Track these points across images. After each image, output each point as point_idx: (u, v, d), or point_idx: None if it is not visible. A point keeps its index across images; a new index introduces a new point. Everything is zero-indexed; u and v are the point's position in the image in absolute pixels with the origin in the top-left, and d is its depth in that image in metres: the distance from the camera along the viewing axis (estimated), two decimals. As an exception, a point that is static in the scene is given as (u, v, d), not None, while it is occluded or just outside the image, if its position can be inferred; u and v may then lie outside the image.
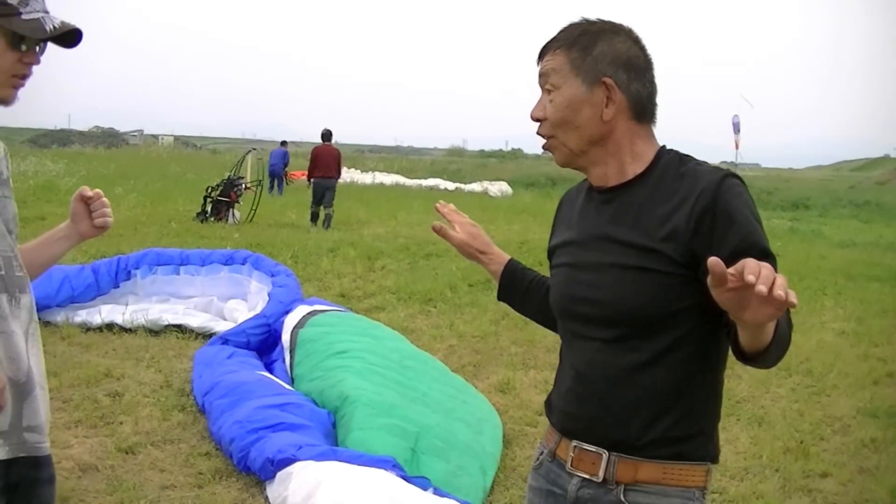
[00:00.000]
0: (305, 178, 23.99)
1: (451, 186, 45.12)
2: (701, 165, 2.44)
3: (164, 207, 22.56)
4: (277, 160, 32.73)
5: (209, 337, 8.99)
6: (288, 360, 7.83)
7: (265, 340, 8.45)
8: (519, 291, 3.01)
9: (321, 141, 22.73)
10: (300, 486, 5.03)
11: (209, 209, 20.94)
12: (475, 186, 45.21)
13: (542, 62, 2.54)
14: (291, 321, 8.29)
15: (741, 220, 2.29)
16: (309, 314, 8.36)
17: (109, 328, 9.57)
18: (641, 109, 2.49)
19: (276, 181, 32.31)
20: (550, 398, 2.71)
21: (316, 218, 21.92)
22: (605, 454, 2.46)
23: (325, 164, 21.99)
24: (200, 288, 10.60)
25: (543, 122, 2.53)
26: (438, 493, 5.10)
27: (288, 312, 8.58)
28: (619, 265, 2.41)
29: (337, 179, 22.50)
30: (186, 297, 10.56)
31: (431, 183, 46.21)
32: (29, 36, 2.54)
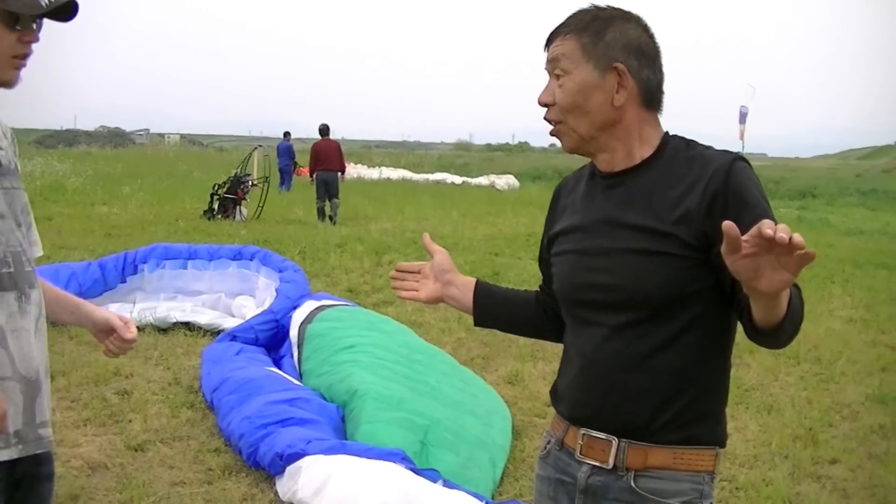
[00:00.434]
0: (308, 174, 24.31)
1: (458, 180, 45.19)
2: (709, 149, 2.45)
3: (171, 206, 22.61)
4: (284, 155, 32.57)
5: (217, 334, 8.99)
6: (296, 355, 7.83)
7: (273, 336, 8.45)
8: (498, 303, 2.92)
9: (319, 136, 23.30)
10: (310, 480, 5.03)
11: (216, 207, 20.98)
12: (482, 180, 45.27)
13: (551, 47, 2.53)
14: (299, 316, 8.28)
15: (753, 201, 2.30)
16: (317, 309, 8.36)
17: (118, 327, 9.57)
18: (650, 97, 2.49)
19: (284, 177, 32.14)
20: (556, 387, 2.70)
21: (323, 214, 22.21)
22: (614, 441, 2.46)
23: (326, 157, 22.56)
24: (208, 283, 10.59)
25: (552, 107, 2.52)
26: (448, 485, 5.09)
27: (296, 308, 8.57)
28: (630, 249, 2.40)
29: (339, 171, 22.94)
30: (194, 291, 10.56)
31: (439, 177, 46.26)
32: (25, 13, 2.50)
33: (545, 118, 2.56)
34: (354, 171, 45.86)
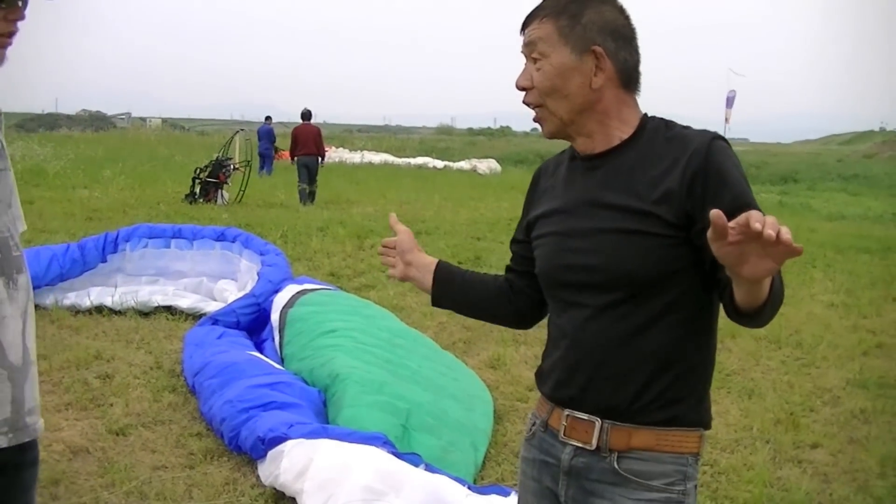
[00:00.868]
0: (289, 157, 24.66)
1: (440, 164, 45.19)
2: (687, 129, 2.45)
3: (152, 189, 22.53)
4: (263, 140, 32.52)
5: (199, 318, 8.96)
6: (278, 339, 7.82)
7: (255, 320, 8.43)
8: (456, 284, 2.91)
9: (301, 121, 23.74)
10: (292, 464, 5.02)
11: (198, 191, 20.92)
12: (464, 164, 45.29)
13: (527, 30, 2.52)
14: (281, 300, 8.27)
15: (732, 180, 2.31)
16: (299, 293, 8.35)
17: (99, 311, 9.55)
18: (628, 78, 2.49)
19: (264, 161, 32.11)
20: (541, 369, 2.70)
21: (305, 196, 22.47)
22: (598, 422, 2.46)
23: (304, 142, 22.97)
24: (190, 263, 10.52)
25: (530, 90, 2.52)
26: (430, 469, 5.09)
27: (277, 292, 8.55)
28: (612, 230, 2.41)
29: (318, 156, 23.31)
30: (176, 272, 10.48)
31: (421, 161, 46.23)
32: None
33: (524, 102, 2.56)
34: (336, 154, 45.76)
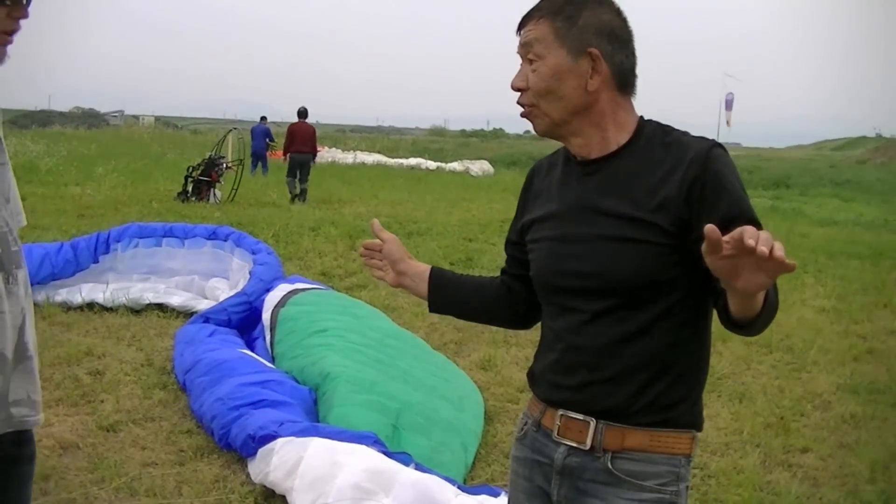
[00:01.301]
0: (281, 155, 24.92)
1: (432, 165, 45.21)
2: (685, 135, 2.44)
3: (145, 187, 22.53)
4: (260, 139, 32.39)
5: (190, 315, 8.97)
6: (269, 338, 7.81)
7: (246, 318, 8.42)
8: (451, 290, 2.90)
9: (297, 118, 23.98)
10: (282, 462, 5.02)
11: (190, 189, 20.90)
12: (456, 165, 45.27)
13: (523, 31, 2.50)
14: (272, 300, 8.26)
15: (730, 188, 2.31)
16: (290, 293, 8.34)
17: (90, 307, 9.54)
18: (624, 81, 2.48)
19: (259, 161, 31.99)
20: (534, 370, 2.70)
21: (294, 189, 22.97)
22: (592, 422, 2.46)
23: (301, 139, 23.32)
24: (182, 262, 10.51)
25: (525, 91, 2.50)
26: (420, 468, 5.08)
27: (269, 290, 8.55)
28: (608, 237, 2.40)
29: (312, 154, 23.68)
30: (168, 270, 10.46)
31: (413, 162, 46.20)
32: None
33: (518, 102, 2.54)
34: (329, 154, 45.71)
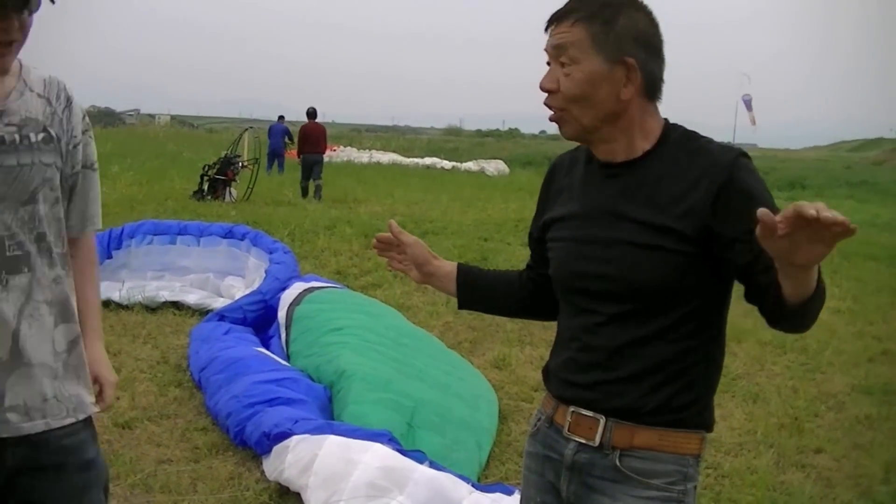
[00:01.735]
0: (295, 155, 25.15)
1: (447, 165, 45.14)
2: (711, 143, 2.43)
3: (160, 186, 22.53)
4: (278, 137, 32.28)
5: (206, 313, 8.98)
6: (284, 336, 7.82)
7: (262, 317, 8.44)
8: (480, 287, 2.93)
9: (307, 119, 24.35)
10: (296, 459, 5.04)
11: (206, 188, 20.89)
12: (471, 165, 45.20)
13: (556, 31, 2.45)
14: (288, 298, 8.28)
15: (759, 196, 2.30)
16: (305, 291, 8.35)
17: (106, 305, 9.54)
18: (654, 88, 2.46)
19: (277, 160, 31.93)
20: (549, 367, 2.71)
21: (306, 192, 23.04)
22: (602, 419, 2.47)
23: (314, 140, 23.59)
24: (196, 260, 10.52)
25: (554, 93, 2.45)
26: (434, 466, 5.10)
27: (285, 289, 8.56)
28: (631, 242, 2.40)
29: (323, 154, 24.04)
30: (181, 268, 10.47)
31: (429, 162, 46.17)
32: None
33: (546, 103, 2.50)
34: (344, 153, 45.72)
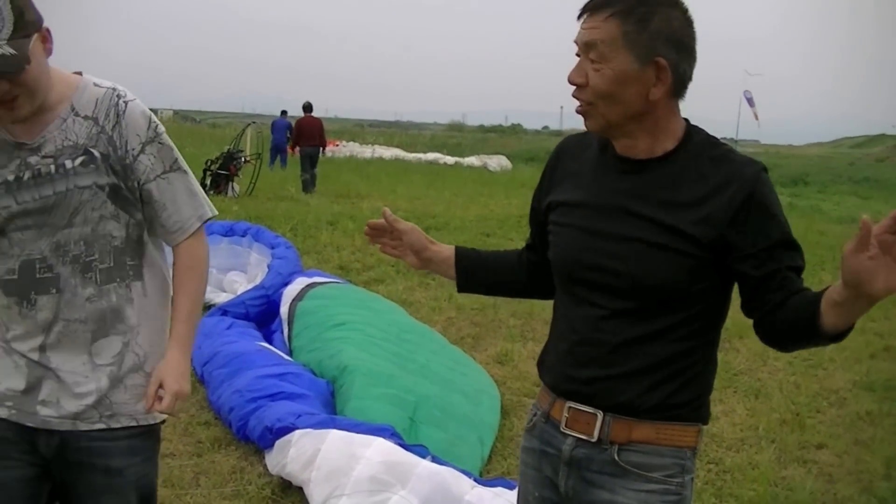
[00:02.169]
0: (291, 150, 25.58)
1: (450, 161, 45.09)
2: (733, 152, 2.43)
3: (163, 181, 22.49)
4: (281, 132, 32.23)
5: (208, 308, 8.98)
6: (286, 332, 7.83)
7: (264, 312, 8.43)
8: (478, 270, 2.92)
9: (303, 113, 24.97)
10: (299, 454, 5.05)
11: (208, 182, 20.89)
12: (474, 160, 45.15)
13: (588, 24, 2.40)
14: (290, 293, 8.29)
15: (777, 214, 2.36)
16: (308, 286, 8.36)
17: (109, 299, 9.56)
18: (682, 88, 2.43)
19: (279, 155, 31.90)
20: (545, 359, 2.70)
21: (307, 186, 23.31)
22: (599, 414, 2.48)
23: (309, 133, 24.22)
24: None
25: (582, 87, 2.42)
26: (437, 461, 5.11)
27: (287, 284, 8.56)
28: (643, 241, 2.39)
29: (320, 147, 24.63)
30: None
31: (431, 157, 46.15)
32: None
33: (574, 96, 2.46)
34: (347, 148, 45.68)
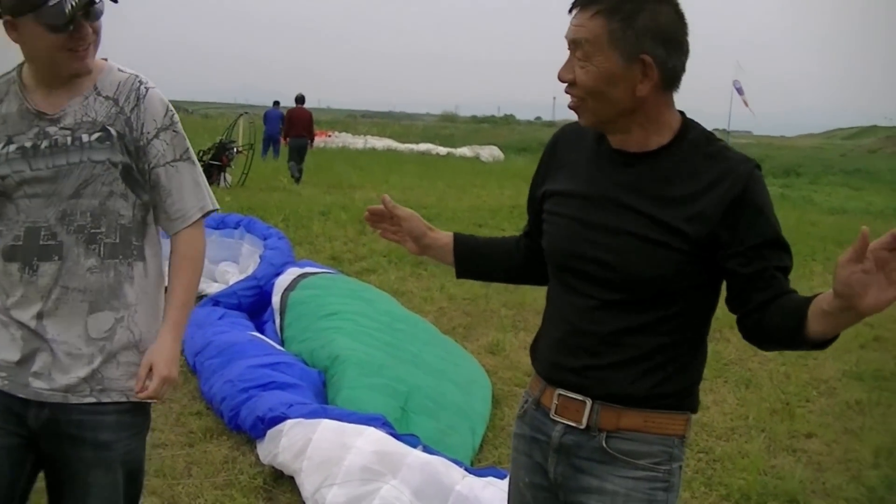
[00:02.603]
0: (283, 140, 25.81)
1: (443, 151, 45.09)
2: (728, 149, 2.43)
3: (155, 171, 22.47)
4: (274, 123, 32.08)
5: (200, 298, 8.97)
6: (278, 322, 7.83)
7: (256, 302, 8.43)
8: (476, 256, 2.93)
9: (295, 104, 25.07)
10: (290, 443, 5.06)
11: (201, 173, 20.86)
12: (466, 151, 45.14)
13: (576, 22, 2.39)
14: (282, 283, 8.28)
15: (768, 213, 2.36)
16: (300, 277, 8.36)
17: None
18: (673, 81, 2.42)
19: (272, 145, 31.80)
20: (537, 346, 2.72)
21: (296, 173, 23.66)
22: (588, 402, 2.50)
23: (299, 125, 24.23)
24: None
25: (572, 84, 2.42)
26: (428, 450, 5.12)
27: (279, 275, 8.56)
28: (635, 234, 2.40)
29: (308, 139, 24.66)
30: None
31: (424, 148, 46.13)
32: (55, 23, 2.59)
33: (566, 92, 2.46)
34: (339, 139, 45.64)
